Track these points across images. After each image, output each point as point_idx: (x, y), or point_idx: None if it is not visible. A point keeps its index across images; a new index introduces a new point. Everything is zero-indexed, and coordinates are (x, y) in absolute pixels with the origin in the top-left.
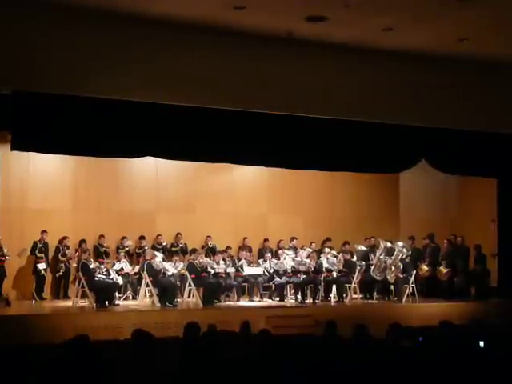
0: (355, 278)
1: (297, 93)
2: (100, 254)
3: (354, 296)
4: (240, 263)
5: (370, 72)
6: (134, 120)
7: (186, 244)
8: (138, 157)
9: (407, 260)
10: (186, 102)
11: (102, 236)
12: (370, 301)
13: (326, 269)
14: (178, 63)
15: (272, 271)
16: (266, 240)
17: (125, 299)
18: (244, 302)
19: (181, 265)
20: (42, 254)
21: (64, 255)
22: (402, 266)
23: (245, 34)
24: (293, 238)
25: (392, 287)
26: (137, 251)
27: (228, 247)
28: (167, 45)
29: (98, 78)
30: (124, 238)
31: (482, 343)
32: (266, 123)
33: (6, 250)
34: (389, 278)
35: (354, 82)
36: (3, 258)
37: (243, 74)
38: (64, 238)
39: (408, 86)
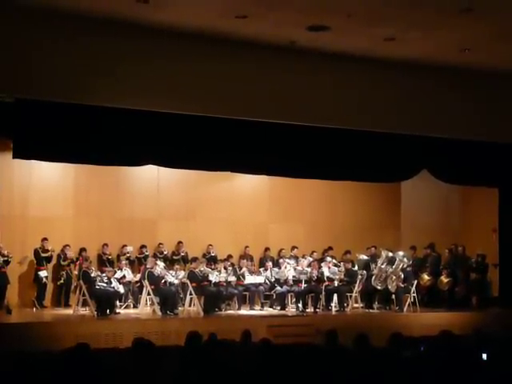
0: (356, 288)
1: (298, 102)
2: (103, 262)
3: (355, 305)
4: (241, 272)
5: (372, 81)
6: (135, 128)
7: (187, 252)
8: (140, 165)
9: (408, 269)
10: (187, 111)
11: (105, 244)
12: (370, 310)
13: (327, 278)
14: (179, 72)
15: (273, 280)
16: (267, 249)
17: (126, 308)
18: (245, 311)
19: (182, 273)
20: (44, 262)
21: (65, 259)
22: (402, 276)
23: (247, 43)
24: (294, 247)
25: (393, 297)
26: (138, 256)
27: (229, 256)
28: (168, 53)
29: (100, 87)
30: (124, 245)
31: (484, 356)
32: (266, 132)
33: (10, 256)
34: (390, 287)
35: (355, 92)
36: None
37: (245, 83)
38: (65, 246)
39: (409, 95)
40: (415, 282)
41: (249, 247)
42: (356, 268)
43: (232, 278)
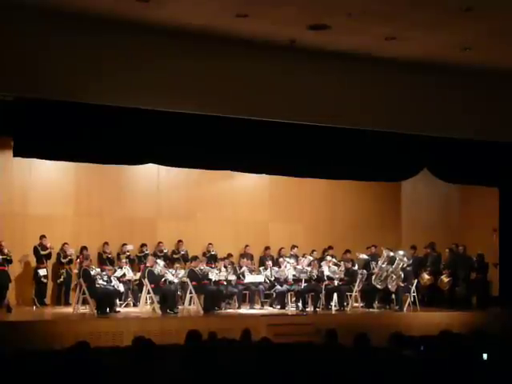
0: (356, 287)
1: (299, 101)
2: (103, 260)
3: (355, 304)
4: (241, 271)
5: (373, 81)
6: (135, 127)
7: (187, 251)
8: (140, 164)
9: (408, 269)
10: (187, 110)
11: (106, 243)
12: (370, 309)
13: (327, 277)
14: (179, 70)
15: (273, 279)
16: (267, 248)
17: (126, 306)
18: (245, 310)
19: (182, 272)
20: (44, 259)
21: (65, 257)
22: (402, 275)
23: (247, 42)
24: (294, 246)
25: (393, 296)
26: (138, 254)
27: (229, 255)
28: (168, 52)
29: (100, 85)
30: (124, 244)
31: (485, 355)
32: (267, 131)
33: (10, 254)
34: (390, 286)
35: (356, 91)
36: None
37: (245, 82)
38: (64, 244)
39: (410, 94)
40: (415, 281)
41: (249, 246)
42: (356, 267)
43: (232, 277)
